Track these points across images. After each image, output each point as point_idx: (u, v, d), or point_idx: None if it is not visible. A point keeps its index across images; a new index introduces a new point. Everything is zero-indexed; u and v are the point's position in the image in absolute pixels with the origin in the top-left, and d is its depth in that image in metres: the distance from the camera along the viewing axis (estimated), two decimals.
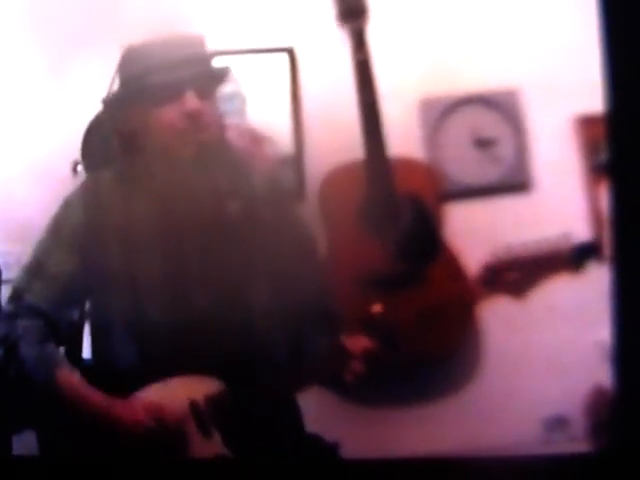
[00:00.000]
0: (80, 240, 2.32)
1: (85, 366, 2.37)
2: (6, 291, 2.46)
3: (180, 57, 2.24)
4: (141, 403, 2.23)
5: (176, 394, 2.25)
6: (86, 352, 2.48)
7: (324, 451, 2.37)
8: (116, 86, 2.32)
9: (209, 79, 2.30)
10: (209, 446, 2.24)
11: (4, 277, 2.59)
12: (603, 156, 2.90)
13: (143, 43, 2.28)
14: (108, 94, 2.34)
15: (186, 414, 2.24)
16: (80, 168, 2.68)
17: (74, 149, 2.38)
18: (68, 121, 2.64)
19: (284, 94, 3.15)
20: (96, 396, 2.23)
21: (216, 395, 2.25)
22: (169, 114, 2.23)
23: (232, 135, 3.07)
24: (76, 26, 2.96)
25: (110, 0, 2.96)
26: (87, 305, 2.44)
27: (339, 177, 3.03)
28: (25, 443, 2.37)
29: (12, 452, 2.45)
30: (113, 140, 2.36)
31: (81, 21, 2.97)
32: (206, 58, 2.32)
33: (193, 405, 2.24)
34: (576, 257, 2.21)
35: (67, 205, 2.36)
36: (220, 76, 2.34)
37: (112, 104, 2.33)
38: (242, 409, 2.24)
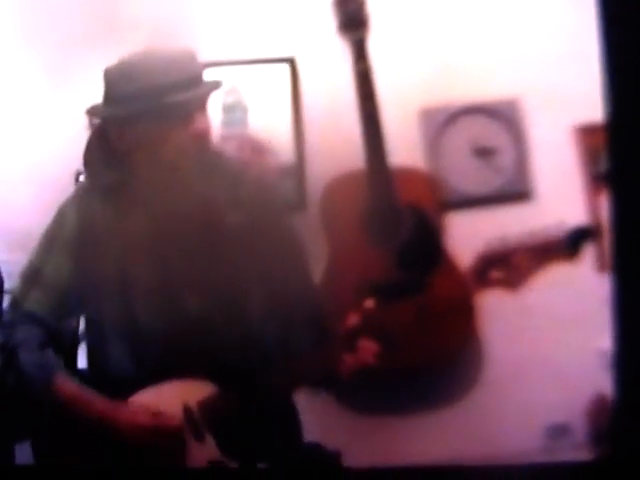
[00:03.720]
0: (74, 247, 2.32)
1: (81, 374, 2.37)
2: (9, 301, 2.47)
3: (185, 76, 2.24)
4: (141, 407, 2.24)
5: (169, 399, 2.25)
6: (82, 360, 2.48)
7: (325, 460, 2.37)
8: (107, 100, 2.30)
9: (209, 95, 2.31)
10: (204, 450, 2.24)
11: (7, 287, 2.59)
12: (603, 165, 2.91)
13: (136, 58, 2.26)
14: (100, 109, 2.32)
15: (180, 418, 2.24)
16: (82, 178, 2.68)
17: (76, 157, 2.38)
18: (69, 128, 2.65)
19: (285, 104, 3.16)
20: (95, 399, 2.23)
21: (209, 399, 2.25)
22: (177, 134, 2.23)
23: (233, 145, 3.09)
24: (78, 31, 2.98)
25: (109, 7, 2.97)
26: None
27: (340, 186, 3.04)
28: (27, 452, 2.37)
29: (14, 461, 2.45)
30: (108, 154, 2.34)
31: (83, 25, 2.98)
32: (202, 74, 2.31)
33: (186, 410, 2.24)
34: (570, 242, 2.19)
35: (60, 213, 2.37)
36: (216, 89, 2.35)
37: (107, 120, 2.32)
38: (236, 413, 2.24)
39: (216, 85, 2.32)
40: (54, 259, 2.33)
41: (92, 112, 2.33)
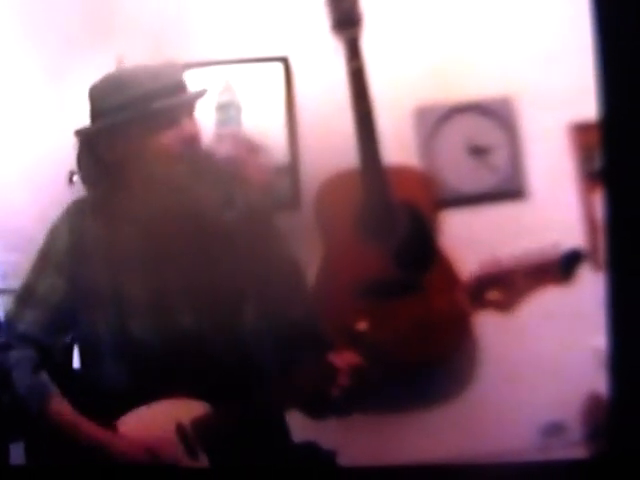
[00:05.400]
0: (67, 263, 2.32)
1: (74, 387, 2.37)
2: (3, 301, 2.46)
3: (171, 83, 2.25)
4: (136, 441, 2.23)
5: (162, 417, 2.24)
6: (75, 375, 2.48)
7: (321, 459, 2.37)
8: (95, 115, 2.30)
9: (196, 100, 2.32)
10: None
11: (1, 286, 2.59)
12: (598, 163, 2.91)
13: (120, 72, 2.29)
14: (88, 127, 2.33)
15: (173, 438, 2.24)
16: (76, 178, 2.68)
17: (72, 157, 2.38)
18: (66, 129, 2.64)
19: (279, 103, 3.15)
20: (89, 427, 2.22)
21: (202, 418, 2.24)
22: (166, 139, 2.24)
23: (227, 144, 3.08)
24: (73, 32, 2.97)
25: (106, 7, 2.96)
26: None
27: (334, 185, 3.03)
28: (21, 453, 2.36)
29: (8, 461, 2.45)
30: (95, 166, 2.34)
31: (78, 27, 2.97)
32: (186, 83, 2.32)
33: (180, 429, 2.24)
34: (564, 266, 2.20)
35: (52, 231, 2.36)
36: (202, 96, 2.36)
37: (97, 134, 2.31)
38: (229, 431, 2.24)
39: (202, 92, 2.33)
40: (47, 277, 2.32)
41: (81, 133, 2.34)
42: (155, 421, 2.23)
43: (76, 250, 2.32)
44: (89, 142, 2.32)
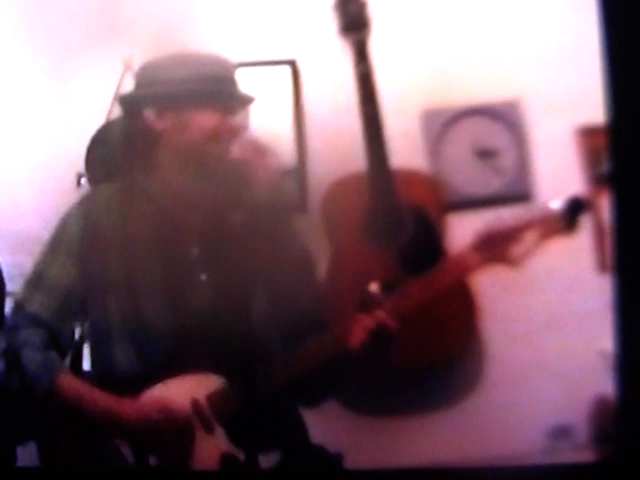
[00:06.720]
0: (78, 251, 2.34)
1: (87, 375, 2.38)
2: (11, 303, 2.47)
3: (233, 75, 2.31)
4: (147, 399, 2.24)
5: (177, 393, 2.26)
6: (87, 363, 2.49)
7: (327, 462, 2.37)
8: (141, 88, 2.34)
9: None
10: (213, 442, 2.25)
11: (8, 289, 2.60)
12: (605, 167, 2.91)
13: (184, 52, 2.35)
14: (129, 95, 2.36)
15: (189, 412, 2.25)
16: (84, 181, 2.69)
17: (79, 159, 2.39)
18: (72, 131, 2.65)
19: (287, 106, 3.16)
20: (101, 395, 2.24)
21: (217, 392, 2.27)
22: (213, 120, 2.30)
23: (235, 147, 3.09)
24: (80, 32, 2.98)
25: (114, 7, 2.97)
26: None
27: (342, 188, 3.04)
28: (29, 454, 2.37)
29: (16, 463, 2.45)
30: (123, 144, 2.37)
31: (85, 27, 2.98)
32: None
33: (195, 403, 2.25)
34: (568, 215, 2.20)
35: (65, 218, 2.39)
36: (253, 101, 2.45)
37: (137, 103, 2.35)
38: (244, 405, 2.25)
39: (253, 98, 2.43)
40: (57, 262, 2.34)
41: (125, 98, 2.37)
42: (170, 397, 2.25)
43: (88, 235, 2.34)
44: (134, 107, 2.35)
